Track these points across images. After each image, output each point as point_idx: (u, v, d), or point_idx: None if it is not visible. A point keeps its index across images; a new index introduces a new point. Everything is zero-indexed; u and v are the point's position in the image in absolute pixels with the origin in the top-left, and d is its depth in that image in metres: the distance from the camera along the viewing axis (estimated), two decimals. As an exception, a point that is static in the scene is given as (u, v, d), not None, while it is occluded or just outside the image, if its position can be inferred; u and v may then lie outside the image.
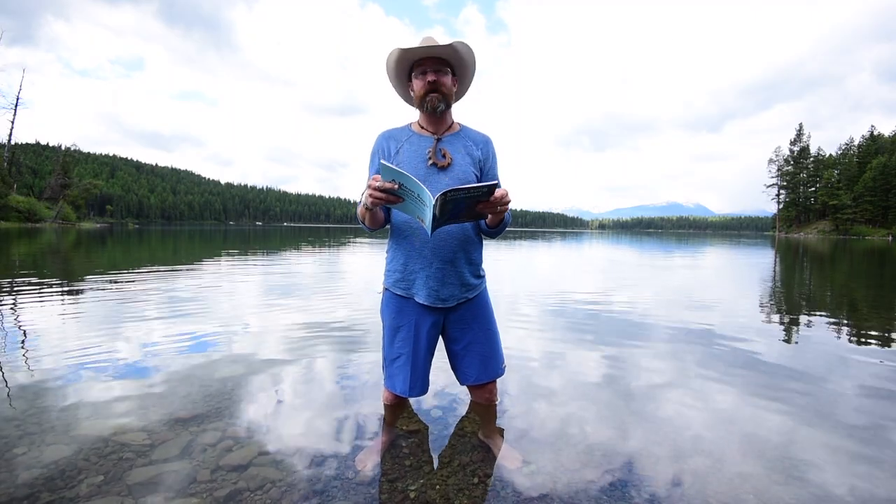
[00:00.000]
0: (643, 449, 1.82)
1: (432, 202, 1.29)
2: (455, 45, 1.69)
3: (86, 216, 56.17)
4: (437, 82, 1.71)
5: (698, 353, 3.25)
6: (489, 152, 1.87)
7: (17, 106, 45.24)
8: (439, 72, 1.72)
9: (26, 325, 3.71)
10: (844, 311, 5.50)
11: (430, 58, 1.72)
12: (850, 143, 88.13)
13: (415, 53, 1.71)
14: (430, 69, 1.71)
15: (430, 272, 1.75)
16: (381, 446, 1.80)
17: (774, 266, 12.28)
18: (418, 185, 1.32)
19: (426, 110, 1.75)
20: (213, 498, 1.45)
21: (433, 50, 1.70)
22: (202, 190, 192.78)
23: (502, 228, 1.75)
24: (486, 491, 1.54)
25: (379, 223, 1.75)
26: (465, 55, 1.74)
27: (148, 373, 2.61)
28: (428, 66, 1.71)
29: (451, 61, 1.75)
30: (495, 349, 1.93)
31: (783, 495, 1.52)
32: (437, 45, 1.69)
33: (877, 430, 2.05)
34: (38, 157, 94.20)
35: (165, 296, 5.26)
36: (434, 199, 1.28)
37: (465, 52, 1.73)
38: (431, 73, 1.70)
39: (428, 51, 1.70)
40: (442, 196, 1.28)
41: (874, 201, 73.89)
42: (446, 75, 1.74)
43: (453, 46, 1.69)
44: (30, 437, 1.81)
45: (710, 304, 5.55)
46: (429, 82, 1.70)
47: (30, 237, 19.16)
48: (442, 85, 1.72)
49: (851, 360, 3.16)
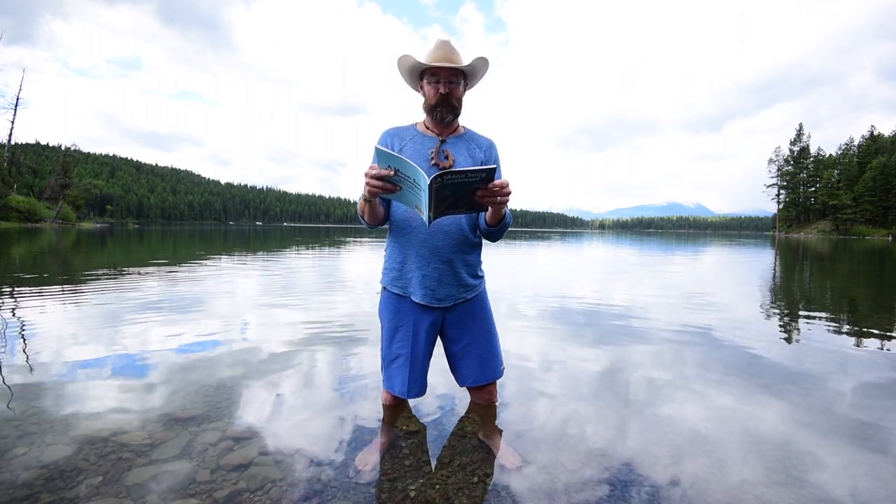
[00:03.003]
0: (643, 449, 1.82)
1: (428, 183, 1.27)
2: (474, 64, 1.70)
3: (86, 216, 56.17)
4: (450, 94, 1.71)
5: (698, 353, 3.25)
6: (492, 156, 1.87)
7: (17, 106, 45.26)
8: (452, 83, 1.71)
9: (26, 325, 3.71)
10: (844, 310, 5.50)
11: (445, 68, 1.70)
12: (850, 143, 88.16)
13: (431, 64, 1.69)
14: (444, 79, 1.70)
15: (427, 271, 1.75)
16: (381, 446, 1.80)
17: (774, 266, 12.28)
18: (414, 168, 1.30)
19: (435, 119, 1.76)
20: (213, 498, 1.45)
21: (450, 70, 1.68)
22: (202, 190, 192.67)
23: (503, 229, 1.72)
24: (486, 491, 1.54)
25: (378, 218, 1.75)
26: (480, 67, 1.75)
27: (147, 372, 2.61)
28: (442, 76, 1.70)
29: (465, 71, 1.74)
30: (494, 350, 1.93)
31: (783, 495, 1.52)
32: (455, 65, 1.67)
33: (877, 429, 2.05)
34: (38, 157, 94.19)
35: (165, 295, 5.26)
36: (429, 181, 1.26)
37: (481, 66, 1.74)
38: (444, 84, 1.70)
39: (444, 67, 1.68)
40: (439, 177, 1.26)
41: (874, 201, 73.89)
42: (458, 86, 1.73)
43: (472, 65, 1.71)
44: (29, 437, 1.81)
45: (710, 303, 5.55)
46: (440, 94, 1.70)
47: (30, 237, 19.16)
48: (453, 97, 1.72)
49: (851, 360, 3.16)
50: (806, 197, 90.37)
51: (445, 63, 1.67)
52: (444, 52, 1.68)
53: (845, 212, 75.98)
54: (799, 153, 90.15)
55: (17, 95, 45.56)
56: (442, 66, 1.68)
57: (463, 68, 1.70)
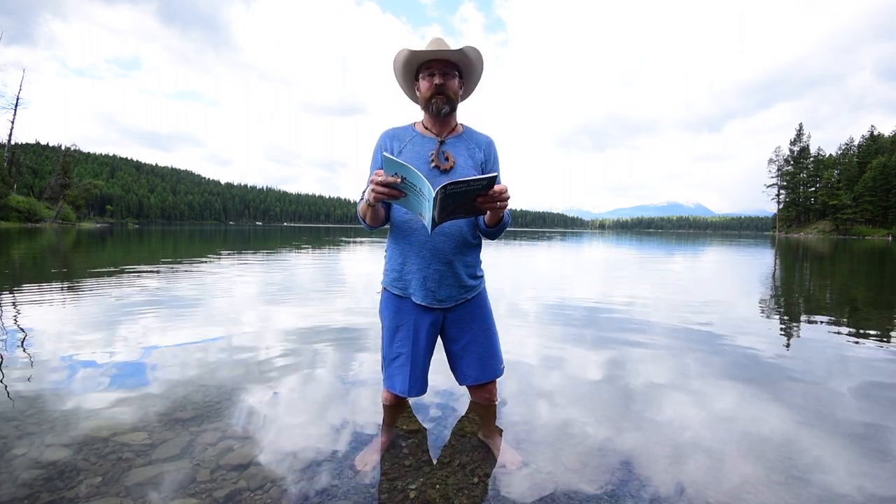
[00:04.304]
0: (643, 449, 1.82)
1: (433, 195, 1.29)
2: (465, 50, 1.71)
3: (86, 216, 56.15)
4: (444, 85, 1.72)
5: (698, 353, 3.25)
6: (491, 154, 1.88)
7: (17, 106, 45.25)
8: (446, 75, 1.73)
9: (26, 325, 3.70)
10: (844, 310, 5.50)
11: (439, 60, 1.72)
12: (850, 143, 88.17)
13: (424, 56, 1.72)
14: (438, 71, 1.72)
15: (427, 273, 1.76)
16: (381, 446, 1.80)
17: (774, 266, 12.28)
18: (420, 177, 1.32)
19: (431, 112, 1.77)
20: (213, 498, 1.45)
21: (442, 53, 1.70)
22: (202, 190, 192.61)
23: (501, 229, 1.75)
24: (486, 491, 1.54)
25: (379, 221, 1.76)
26: (473, 59, 1.76)
27: (147, 372, 2.61)
28: (436, 69, 1.72)
29: (459, 64, 1.76)
30: (494, 349, 1.93)
31: (783, 495, 1.52)
32: (447, 49, 1.70)
33: (877, 429, 2.05)
34: (38, 157, 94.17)
35: (165, 295, 5.26)
36: (434, 193, 1.29)
37: (474, 55, 1.75)
38: (439, 75, 1.72)
39: (437, 54, 1.71)
40: (442, 189, 1.28)
41: (874, 201, 73.88)
42: (453, 78, 1.75)
43: (463, 51, 1.71)
44: (29, 437, 1.81)
45: (711, 303, 5.56)
46: (435, 85, 1.71)
47: (30, 237, 19.16)
48: (448, 88, 1.73)
49: (851, 360, 3.16)
50: (806, 197, 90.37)
51: (439, 48, 1.69)
52: (436, 45, 1.72)
53: (845, 212, 75.97)
54: (799, 153, 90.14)
55: (17, 95, 45.61)
56: (436, 58, 1.70)
57: (454, 56, 1.71)
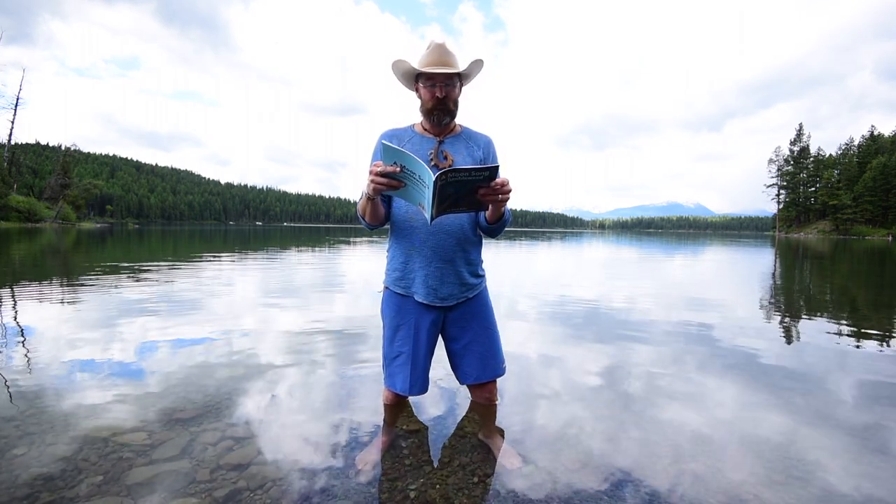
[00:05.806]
0: (643, 449, 1.82)
1: (433, 181, 1.28)
2: (470, 68, 1.71)
3: (86, 216, 56.15)
4: (446, 98, 1.71)
5: (698, 353, 3.25)
6: (490, 152, 1.88)
7: (17, 106, 45.25)
8: (448, 86, 1.71)
9: (26, 325, 3.70)
10: (844, 310, 5.50)
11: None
12: (850, 143, 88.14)
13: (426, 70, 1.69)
14: (440, 83, 1.69)
15: (429, 271, 1.76)
16: (381, 446, 1.79)
17: (774, 266, 12.28)
18: (420, 164, 1.32)
19: (433, 122, 1.77)
20: (213, 498, 1.45)
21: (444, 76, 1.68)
22: (202, 190, 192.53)
23: (502, 226, 1.75)
24: (486, 491, 1.54)
25: (379, 218, 1.75)
26: (475, 69, 1.75)
27: (147, 372, 2.61)
28: (437, 80, 1.69)
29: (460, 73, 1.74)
30: (495, 348, 1.93)
31: (783, 495, 1.52)
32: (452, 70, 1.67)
33: (877, 429, 2.05)
34: (38, 157, 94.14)
35: (165, 295, 5.26)
36: (434, 179, 1.28)
37: (477, 67, 1.74)
38: (440, 87, 1.69)
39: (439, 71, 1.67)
40: (444, 175, 1.27)
41: (874, 201, 73.87)
42: (454, 88, 1.73)
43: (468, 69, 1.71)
44: (30, 437, 1.81)
45: (710, 303, 5.56)
46: (437, 98, 1.70)
47: (30, 237, 19.16)
48: (450, 100, 1.73)
49: (851, 360, 3.16)
50: (806, 197, 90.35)
51: (440, 68, 1.66)
52: (438, 55, 1.68)
53: (845, 212, 75.95)
54: (799, 153, 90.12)
55: (16, 95, 45.61)
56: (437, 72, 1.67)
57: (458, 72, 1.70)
